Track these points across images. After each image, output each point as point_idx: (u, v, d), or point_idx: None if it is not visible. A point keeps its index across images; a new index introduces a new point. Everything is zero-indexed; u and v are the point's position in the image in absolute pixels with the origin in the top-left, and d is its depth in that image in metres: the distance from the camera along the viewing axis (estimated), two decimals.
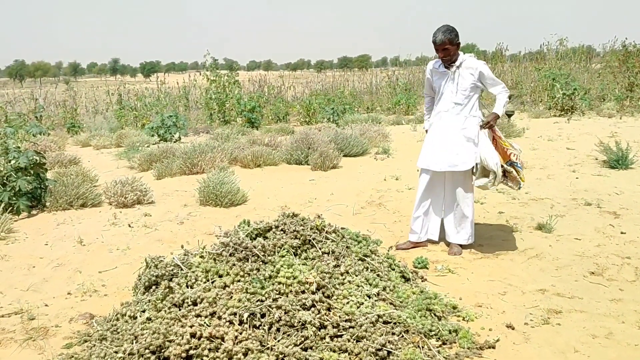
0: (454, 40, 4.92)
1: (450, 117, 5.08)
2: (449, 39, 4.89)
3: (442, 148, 5.06)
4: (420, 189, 5.27)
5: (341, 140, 10.26)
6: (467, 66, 5.01)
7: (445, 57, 4.98)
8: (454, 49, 4.95)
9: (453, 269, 4.72)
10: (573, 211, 6.36)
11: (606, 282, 4.42)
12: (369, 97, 24.74)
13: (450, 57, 4.97)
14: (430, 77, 5.28)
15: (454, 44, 4.93)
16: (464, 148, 5.00)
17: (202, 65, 19.40)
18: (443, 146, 5.06)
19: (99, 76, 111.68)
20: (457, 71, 5.03)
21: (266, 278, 3.55)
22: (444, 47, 4.90)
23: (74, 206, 6.85)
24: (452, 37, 4.90)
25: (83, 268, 4.92)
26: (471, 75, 5.00)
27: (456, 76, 5.03)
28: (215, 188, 6.78)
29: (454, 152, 5.00)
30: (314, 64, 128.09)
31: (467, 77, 5.00)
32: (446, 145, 5.04)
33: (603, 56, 27.41)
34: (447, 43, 4.89)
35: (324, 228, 4.12)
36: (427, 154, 5.18)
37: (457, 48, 5.01)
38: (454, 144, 5.02)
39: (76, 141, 14.92)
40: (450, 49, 4.92)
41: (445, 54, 4.95)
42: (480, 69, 5.00)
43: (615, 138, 10.63)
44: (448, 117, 5.09)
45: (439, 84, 5.16)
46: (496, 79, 5.09)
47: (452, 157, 5.01)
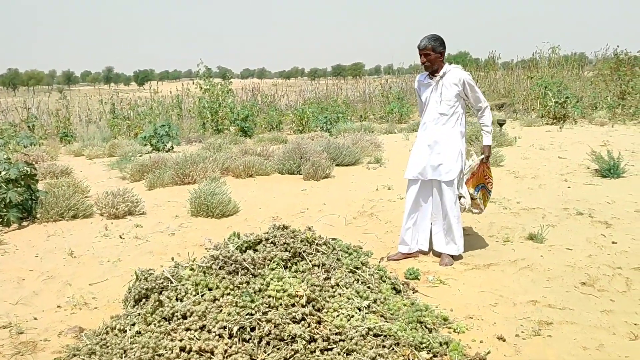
0: (437, 49, 5.02)
1: (435, 127, 5.14)
2: (432, 46, 5.00)
3: (428, 158, 5.12)
4: (409, 200, 5.30)
5: (334, 149, 10.26)
6: (451, 76, 5.09)
7: (426, 63, 5.07)
8: (435, 56, 5.03)
9: (444, 280, 4.71)
10: (564, 221, 6.37)
11: (597, 292, 4.42)
12: (362, 106, 24.81)
13: (431, 64, 5.07)
14: (418, 89, 5.38)
15: (436, 52, 5.02)
16: (449, 158, 5.06)
17: (196, 73, 19.40)
18: (429, 156, 5.12)
19: (93, 85, 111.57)
20: (441, 81, 5.11)
21: (256, 291, 3.54)
22: (426, 52, 5.02)
23: (65, 217, 6.81)
24: (436, 45, 5.01)
25: (73, 280, 4.89)
26: (455, 85, 5.06)
27: (439, 86, 5.11)
28: (206, 199, 6.77)
29: (439, 162, 5.07)
30: (307, 72, 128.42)
31: (450, 87, 5.06)
32: (432, 155, 5.11)
33: (595, 64, 27.58)
34: (430, 49, 5.01)
35: (315, 240, 4.11)
36: (414, 164, 5.24)
37: (441, 57, 5.09)
38: (439, 154, 5.08)
39: (69, 151, 14.89)
40: (432, 55, 5.02)
41: (427, 60, 5.04)
42: (465, 80, 5.06)
43: (607, 147, 10.68)
44: (433, 127, 5.15)
45: (425, 95, 5.25)
46: (480, 93, 5.16)
47: (437, 166, 5.08)
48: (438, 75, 5.12)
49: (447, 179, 5.07)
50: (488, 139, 5.23)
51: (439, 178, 5.09)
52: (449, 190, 5.11)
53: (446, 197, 5.13)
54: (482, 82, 25.91)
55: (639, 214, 6.53)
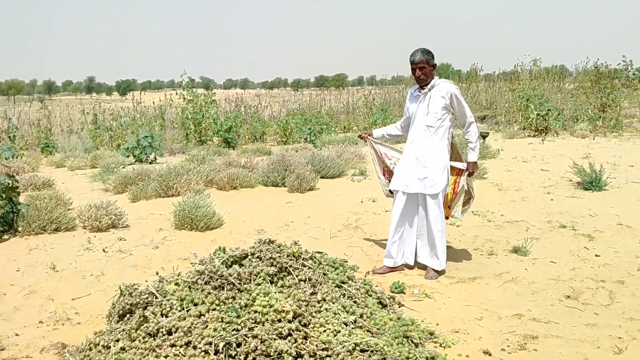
0: (430, 62, 5.12)
1: (423, 141, 5.17)
2: (427, 59, 5.09)
3: (414, 171, 5.15)
4: (396, 212, 5.31)
5: (318, 162, 10.26)
6: (440, 89, 5.15)
7: (421, 76, 5.13)
8: (430, 69, 5.13)
9: (430, 294, 4.71)
10: (548, 234, 6.42)
11: (581, 306, 4.45)
12: (345, 117, 24.85)
13: (425, 77, 5.13)
14: (408, 101, 5.45)
15: (430, 65, 5.11)
16: (435, 171, 5.09)
17: (179, 83, 19.35)
18: (415, 169, 5.15)
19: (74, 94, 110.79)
20: (430, 93, 5.16)
21: (242, 307, 3.51)
22: (421, 65, 5.10)
23: (47, 231, 6.73)
24: (429, 58, 5.11)
25: (55, 295, 4.82)
26: (443, 98, 5.11)
27: (427, 97, 5.16)
28: (190, 212, 6.72)
29: (424, 175, 5.10)
30: (290, 82, 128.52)
31: (439, 99, 5.12)
32: (418, 168, 5.14)
33: (576, 76, 27.93)
34: (424, 62, 5.09)
35: (301, 255, 4.10)
36: (400, 176, 5.27)
37: (433, 70, 5.18)
38: (425, 167, 5.11)
39: (50, 162, 14.74)
40: (427, 68, 5.11)
41: (422, 73, 5.11)
42: (453, 93, 5.12)
43: (588, 159, 10.81)
44: (420, 141, 5.18)
45: (413, 107, 5.30)
46: (467, 108, 5.21)
47: (423, 179, 5.11)
48: (427, 87, 5.18)
49: (432, 192, 5.09)
50: (473, 155, 5.26)
51: (424, 191, 5.11)
52: (434, 204, 5.12)
53: (430, 211, 5.14)
54: (464, 93, 26.10)
55: (621, 227, 6.60)
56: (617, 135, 16.30)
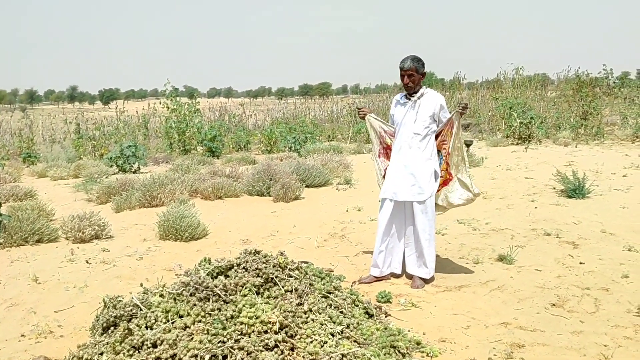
0: (420, 70, 5.15)
1: (410, 148, 5.19)
2: (416, 67, 5.13)
3: (402, 178, 5.16)
4: (382, 221, 5.31)
5: (303, 171, 10.25)
6: (428, 97, 5.21)
7: (409, 84, 5.16)
8: (419, 77, 5.17)
9: (416, 303, 4.70)
10: (533, 242, 6.44)
11: (567, 314, 4.46)
12: (330, 125, 24.86)
13: (414, 85, 5.17)
14: (394, 108, 5.46)
15: (419, 73, 5.15)
16: (422, 179, 5.12)
17: (162, 92, 19.27)
18: (403, 176, 5.16)
19: (57, 104, 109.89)
20: (419, 101, 5.20)
21: (228, 318, 3.48)
22: (410, 72, 5.13)
23: (29, 242, 6.63)
24: (419, 66, 5.15)
25: (38, 308, 4.75)
26: (432, 107, 5.15)
27: (417, 105, 5.19)
28: (175, 222, 6.67)
29: (412, 182, 5.12)
30: (274, 91, 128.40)
31: (427, 107, 5.16)
32: (406, 176, 5.15)
33: (557, 85, 28.22)
34: (414, 70, 5.13)
35: (287, 265, 4.07)
36: (389, 184, 5.27)
37: (422, 78, 5.22)
38: (412, 175, 5.13)
39: (32, 172, 14.60)
40: (416, 76, 5.14)
41: (410, 80, 5.15)
42: (441, 102, 5.20)
43: (571, 167, 10.89)
44: (408, 148, 5.20)
45: (400, 114, 5.31)
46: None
47: (411, 186, 5.12)
48: (416, 95, 5.22)
49: (420, 199, 5.11)
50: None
51: (412, 199, 5.13)
52: (422, 212, 5.14)
53: (419, 218, 5.15)
54: (448, 102, 26.16)
55: (604, 234, 6.64)
56: (599, 143, 16.45)
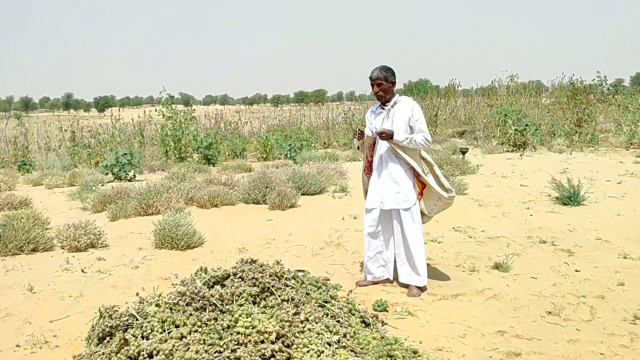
0: (389, 78, 5.21)
1: (390, 157, 5.24)
2: (384, 76, 5.20)
3: (387, 187, 5.21)
4: (367, 230, 5.41)
5: (299, 178, 10.24)
6: (402, 105, 5.25)
7: (379, 93, 5.23)
8: (388, 85, 5.22)
9: (412, 311, 4.70)
10: (529, 249, 6.46)
11: (563, 322, 4.47)
12: (325, 133, 24.86)
13: (384, 94, 5.23)
14: (369, 118, 5.52)
15: (388, 81, 5.21)
16: (405, 186, 5.17)
17: (158, 100, 19.24)
18: (388, 185, 5.22)
19: (52, 111, 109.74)
20: (392, 109, 5.25)
21: (224, 328, 3.47)
22: (378, 82, 5.20)
23: (25, 251, 6.60)
24: (387, 75, 5.21)
25: (33, 317, 4.73)
26: (405, 113, 5.19)
27: (391, 114, 5.25)
28: (171, 230, 6.65)
29: (397, 190, 5.17)
30: (270, 98, 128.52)
31: (401, 115, 5.20)
32: (390, 184, 5.20)
33: (552, 92, 28.35)
34: (382, 79, 5.20)
35: (284, 274, 4.07)
36: (375, 194, 5.33)
37: (392, 86, 5.28)
38: (396, 182, 5.19)
39: (27, 180, 14.55)
40: (385, 85, 5.21)
41: (380, 89, 5.21)
42: (414, 108, 5.22)
43: (566, 174, 10.92)
44: (389, 157, 5.25)
45: (376, 124, 5.37)
46: (424, 124, 5.22)
47: (395, 194, 5.17)
48: (389, 104, 5.27)
49: (405, 207, 5.16)
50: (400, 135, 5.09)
51: (398, 206, 5.18)
52: (409, 219, 5.18)
53: (406, 225, 5.19)
54: (442, 109, 26.34)
55: (600, 242, 6.66)
56: (593, 150, 16.51)
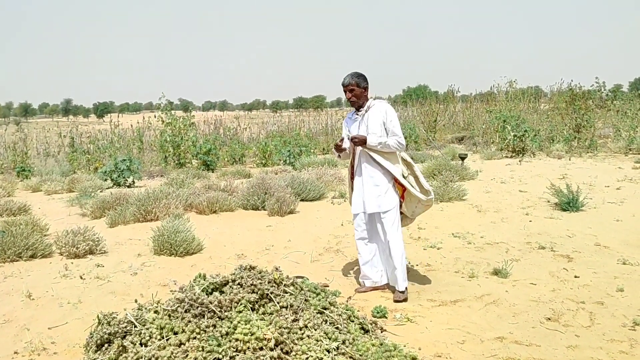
0: (360, 84, 5.28)
1: (369, 161, 5.28)
2: (356, 82, 5.27)
3: (369, 191, 5.27)
4: (357, 234, 5.47)
5: (298, 184, 10.24)
6: (375, 108, 5.30)
7: (352, 99, 5.31)
8: (360, 91, 5.29)
9: (411, 318, 4.69)
10: (528, 255, 6.45)
11: (562, 328, 4.46)
12: (324, 139, 24.88)
13: (357, 99, 5.30)
14: (346, 124, 5.58)
15: (360, 87, 5.28)
16: (385, 189, 5.22)
17: (157, 105, 19.26)
18: (369, 189, 5.27)
19: (51, 117, 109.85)
20: (366, 114, 5.31)
21: (223, 335, 3.46)
22: (350, 88, 5.28)
23: (23, 257, 6.59)
24: (359, 81, 5.28)
25: (31, 324, 4.72)
26: (379, 116, 5.24)
27: (365, 119, 5.30)
28: (169, 237, 6.65)
29: (377, 194, 5.22)
30: (269, 104, 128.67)
31: (376, 118, 5.24)
32: (372, 188, 5.25)
33: (550, 97, 28.40)
34: (354, 85, 5.27)
35: (282, 281, 4.06)
36: (358, 199, 5.39)
37: (365, 92, 5.33)
38: (377, 186, 5.23)
39: (26, 186, 14.55)
40: (357, 90, 5.28)
41: (352, 95, 5.28)
42: (387, 110, 5.27)
43: (565, 180, 10.92)
44: (367, 162, 5.30)
45: (354, 129, 5.41)
46: (398, 127, 5.23)
47: (376, 197, 5.22)
48: (363, 109, 5.33)
49: (384, 209, 5.21)
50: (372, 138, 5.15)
51: (378, 210, 5.23)
52: (389, 222, 5.22)
53: (387, 229, 5.24)
54: (441, 115, 26.37)
55: (599, 248, 6.66)
56: (592, 156, 16.53)
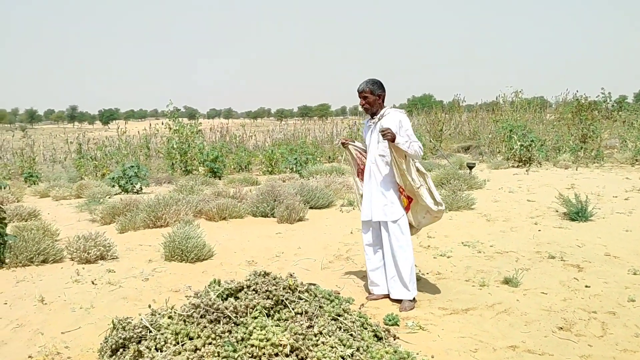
0: (375, 91, 5.22)
1: (378, 170, 5.27)
2: (370, 89, 5.21)
3: (376, 199, 5.24)
4: (366, 241, 5.47)
5: (307, 192, 10.26)
6: (388, 117, 5.21)
7: (365, 106, 5.27)
8: (374, 98, 5.23)
9: (423, 326, 4.69)
10: (538, 264, 6.45)
11: (575, 337, 4.45)
12: (330, 147, 24.97)
13: (370, 106, 5.26)
14: (364, 133, 5.59)
15: (374, 94, 5.22)
16: (392, 198, 5.19)
17: (162, 113, 19.38)
18: (377, 197, 5.24)
19: (57, 123, 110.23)
20: (380, 122, 5.23)
21: (238, 340, 3.48)
22: (364, 95, 5.23)
23: (35, 262, 6.62)
24: (374, 88, 5.22)
25: (44, 329, 4.73)
26: (392, 125, 5.10)
27: (378, 127, 5.20)
28: (180, 243, 6.67)
29: (384, 202, 5.19)
30: (274, 112, 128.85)
31: (388, 126, 5.08)
32: (379, 197, 5.23)
33: (556, 108, 28.43)
34: (368, 92, 5.22)
35: (297, 287, 4.08)
36: (366, 206, 5.37)
37: (379, 99, 5.27)
38: (384, 195, 5.21)
39: (34, 192, 14.61)
40: (370, 98, 5.22)
41: (365, 102, 5.24)
42: (401, 119, 5.16)
43: (574, 190, 10.92)
44: (377, 171, 5.28)
45: (367, 137, 5.43)
46: (412, 134, 5.11)
47: (383, 207, 5.20)
48: (377, 117, 5.28)
49: (391, 219, 5.17)
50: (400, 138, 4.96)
51: (385, 219, 5.19)
52: (396, 231, 5.18)
53: (393, 238, 5.19)
54: (447, 124, 26.41)
55: (608, 258, 6.65)
56: (599, 166, 16.51)
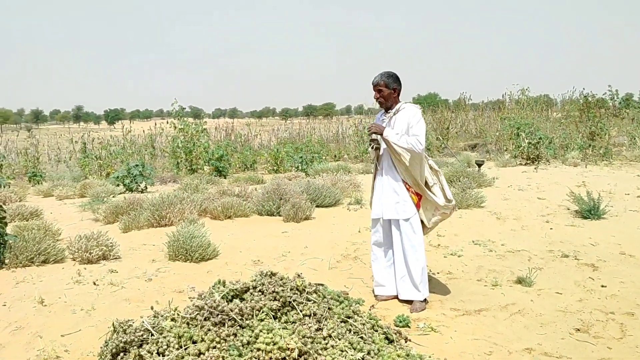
0: (390, 85, 5.06)
1: (390, 166, 5.11)
2: (385, 83, 5.06)
3: (388, 197, 5.10)
4: (374, 240, 5.33)
5: (313, 190, 10.11)
6: (404, 112, 5.06)
7: (380, 99, 5.12)
8: (389, 92, 5.07)
9: (435, 327, 4.54)
10: (551, 263, 6.28)
11: (593, 339, 4.30)
12: (335, 145, 24.86)
13: (384, 100, 5.11)
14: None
15: (389, 88, 5.06)
16: (405, 196, 5.04)
17: (168, 112, 19.31)
18: (388, 195, 5.10)
19: (62, 123, 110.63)
20: (394, 117, 5.09)
21: (244, 344, 3.33)
22: (379, 88, 5.08)
23: (35, 263, 6.49)
24: (389, 82, 5.06)
25: (44, 331, 4.59)
26: (405, 121, 5.00)
27: (392, 122, 5.07)
28: (185, 242, 6.52)
29: (396, 200, 5.05)
30: (279, 111, 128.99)
31: (402, 121, 5.01)
32: (391, 194, 5.08)
33: (563, 106, 28.28)
34: (382, 85, 5.07)
35: (305, 288, 3.92)
36: (377, 204, 5.23)
37: (395, 93, 5.11)
38: (396, 193, 5.06)
39: (38, 191, 14.52)
40: (385, 91, 5.07)
41: (380, 96, 5.10)
42: (416, 114, 5.02)
43: (584, 187, 10.74)
44: (390, 166, 5.12)
45: None
46: (420, 129, 4.95)
47: (395, 204, 5.06)
48: (392, 111, 5.12)
49: (404, 217, 5.02)
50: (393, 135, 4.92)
51: (397, 217, 5.05)
52: (408, 230, 5.03)
53: (404, 237, 5.04)
54: (453, 122, 26.25)
55: (624, 257, 6.48)
56: (607, 164, 16.32)
